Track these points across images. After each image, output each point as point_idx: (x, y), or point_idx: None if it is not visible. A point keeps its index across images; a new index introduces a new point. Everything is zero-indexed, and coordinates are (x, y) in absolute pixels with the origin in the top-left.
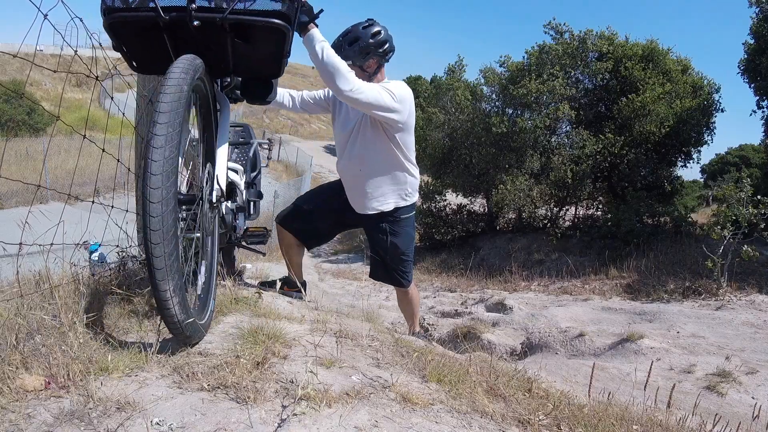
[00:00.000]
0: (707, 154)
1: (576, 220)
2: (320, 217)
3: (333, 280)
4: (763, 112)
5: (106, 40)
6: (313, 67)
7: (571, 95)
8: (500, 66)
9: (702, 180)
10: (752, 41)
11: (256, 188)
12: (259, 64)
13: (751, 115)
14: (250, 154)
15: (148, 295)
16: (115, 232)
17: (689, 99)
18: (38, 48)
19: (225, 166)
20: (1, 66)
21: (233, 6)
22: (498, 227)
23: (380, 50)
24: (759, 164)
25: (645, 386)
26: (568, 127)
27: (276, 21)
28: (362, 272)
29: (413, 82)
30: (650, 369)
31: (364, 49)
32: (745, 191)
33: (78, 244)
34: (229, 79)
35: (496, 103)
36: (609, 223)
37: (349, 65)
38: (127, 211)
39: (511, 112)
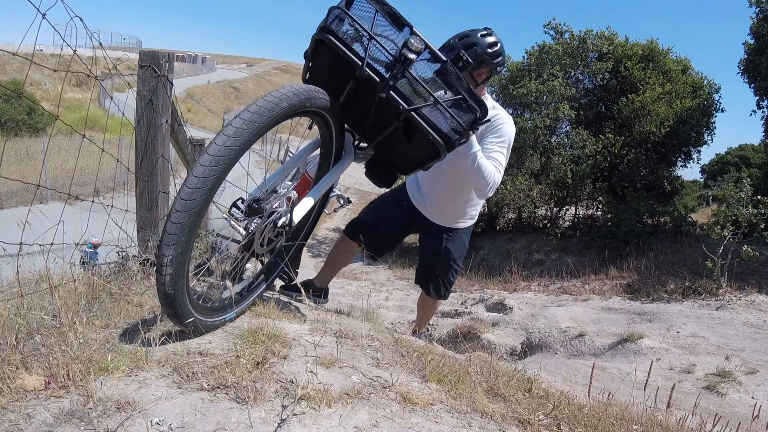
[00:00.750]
0: (707, 154)
1: (576, 220)
2: (383, 226)
3: (333, 279)
4: (763, 112)
5: (105, 39)
6: None
7: (571, 95)
8: None
9: (702, 180)
10: (752, 41)
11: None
12: (399, 157)
13: (751, 115)
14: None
15: (148, 295)
16: (115, 232)
17: (689, 99)
18: (38, 48)
19: (309, 207)
20: (1, 66)
21: (421, 107)
22: (498, 227)
23: (494, 61)
24: (759, 164)
25: (645, 386)
26: (568, 127)
27: (440, 141)
28: (362, 272)
29: None
30: (650, 369)
31: (480, 56)
32: (745, 191)
33: (78, 244)
34: (365, 145)
35: None
36: (609, 223)
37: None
38: (126, 210)
39: (511, 112)
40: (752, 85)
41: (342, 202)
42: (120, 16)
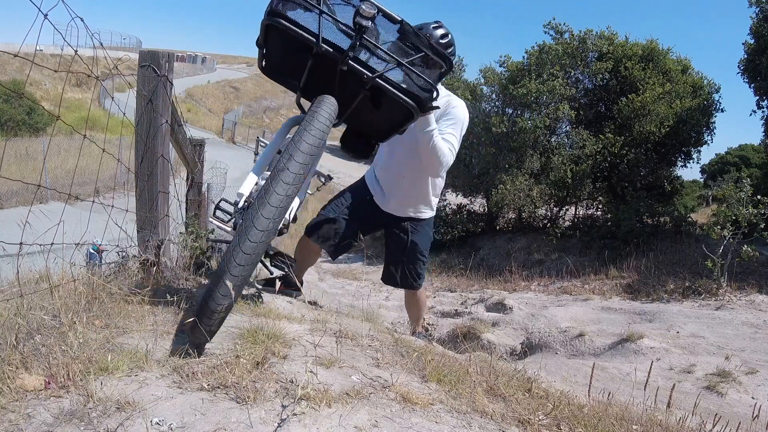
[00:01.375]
0: (707, 154)
1: (576, 220)
2: (345, 224)
3: (333, 279)
4: (763, 112)
5: (105, 39)
6: None
7: (571, 95)
8: (500, 66)
9: (702, 180)
10: (752, 41)
11: (293, 212)
12: (373, 125)
13: (751, 115)
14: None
15: (148, 295)
16: (115, 232)
17: (689, 99)
18: (38, 48)
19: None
20: (1, 66)
21: (384, 72)
22: (498, 227)
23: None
24: (759, 164)
25: (645, 386)
26: (567, 127)
27: (411, 103)
28: (362, 272)
29: None
30: (650, 369)
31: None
32: (744, 191)
33: (78, 243)
34: (337, 121)
35: (496, 103)
36: (609, 223)
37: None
38: (127, 210)
39: (511, 112)
40: (752, 85)
41: (323, 180)
42: (120, 16)
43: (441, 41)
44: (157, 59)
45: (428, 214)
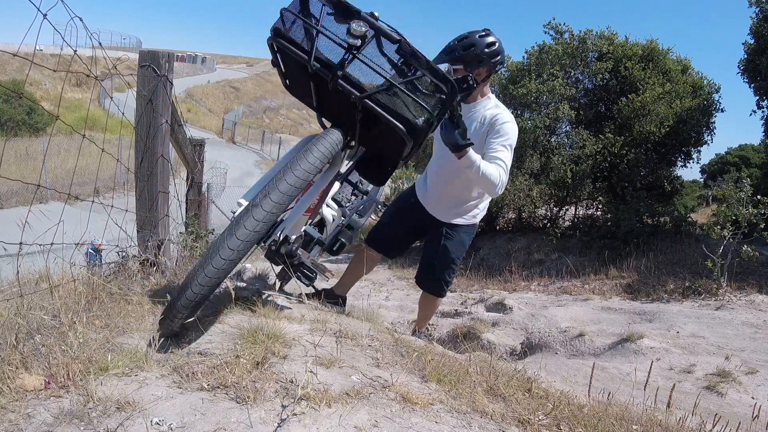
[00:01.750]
0: (707, 154)
1: (576, 220)
2: (396, 226)
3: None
4: (763, 112)
5: (105, 39)
6: None
7: (571, 95)
8: None
9: (702, 180)
10: (752, 41)
11: (350, 234)
12: (383, 150)
13: (751, 115)
14: (363, 206)
15: (148, 295)
16: (115, 232)
17: (689, 99)
18: (38, 48)
19: (304, 207)
20: (1, 66)
21: (373, 94)
22: (498, 227)
23: (492, 60)
24: (759, 164)
25: (645, 386)
26: (567, 127)
27: (401, 126)
28: None
29: None
30: (650, 369)
31: (478, 56)
32: (744, 191)
33: (78, 243)
34: (353, 143)
35: None
36: (609, 223)
37: (459, 69)
38: (126, 210)
39: (511, 111)
40: (752, 85)
41: (381, 208)
42: (120, 16)
43: (486, 50)
44: (157, 59)
45: (467, 221)
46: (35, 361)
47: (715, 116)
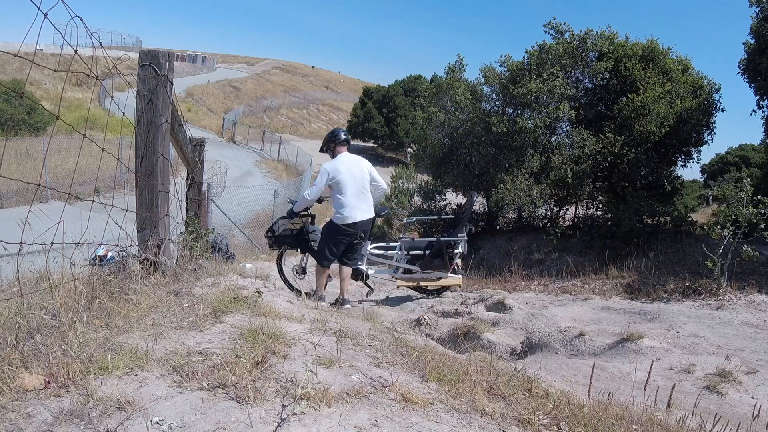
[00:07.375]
0: (707, 153)
1: (576, 219)
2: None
3: (334, 279)
4: (763, 111)
5: (105, 39)
6: (313, 67)
7: (571, 95)
8: (500, 65)
9: (702, 180)
10: (752, 41)
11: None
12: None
13: (751, 115)
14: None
15: (148, 295)
16: (115, 232)
17: (689, 99)
18: (38, 47)
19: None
20: (1, 65)
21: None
22: (498, 227)
23: (332, 136)
24: (759, 164)
25: (645, 386)
26: (568, 127)
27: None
28: None
29: (413, 81)
30: (650, 369)
31: (328, 141)
32: (745, 191)
33: (78, 243)
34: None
35: (496, 103)
36: (609, 223)
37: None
38: (126, 210)
39: (511, 111)
40: (752, 85)
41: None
42: (120, 16)
43: (328, 136)
44: (157, 59)
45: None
46: (35, 360)
47: (716, 116)
